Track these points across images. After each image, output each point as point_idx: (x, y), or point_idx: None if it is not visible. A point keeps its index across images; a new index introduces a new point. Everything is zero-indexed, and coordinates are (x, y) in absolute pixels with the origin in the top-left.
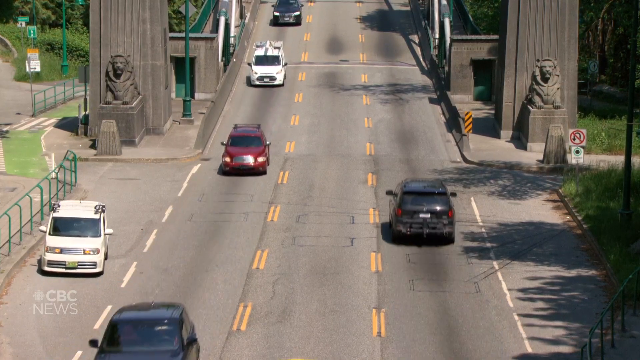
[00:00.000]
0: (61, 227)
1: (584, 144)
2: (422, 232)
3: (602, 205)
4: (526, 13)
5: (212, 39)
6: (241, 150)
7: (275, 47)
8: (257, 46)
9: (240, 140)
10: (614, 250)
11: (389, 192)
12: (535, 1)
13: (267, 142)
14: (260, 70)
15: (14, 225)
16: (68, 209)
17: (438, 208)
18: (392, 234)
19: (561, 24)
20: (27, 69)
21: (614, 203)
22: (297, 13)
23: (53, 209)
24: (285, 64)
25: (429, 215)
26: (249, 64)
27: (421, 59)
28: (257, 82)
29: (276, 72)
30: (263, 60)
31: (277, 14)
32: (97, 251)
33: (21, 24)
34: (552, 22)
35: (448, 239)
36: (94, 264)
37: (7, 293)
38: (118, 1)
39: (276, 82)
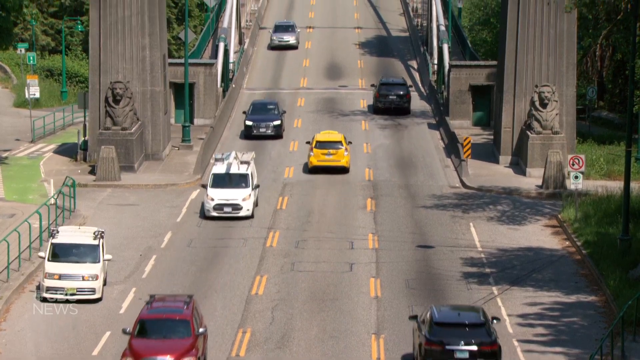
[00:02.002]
0: (60, 253)
1: (582, 169)
2: None
3: (602, 231)
4: (524, 39)
5: (211, 64)
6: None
7: (243, 162)
8: (217, 160)
9: (154, 327)
10: (613, 276)
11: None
12: (533, 27)
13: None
14: (217, 196)
15: (13, 251)
16: (67, 235)
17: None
18: None
19: (559, 50)
20: (27, 95)
21: (613, 229)
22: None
23: (52, 235)
24: (257, 186)
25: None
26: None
27: (420, 85)
28: (214, 213)
29: (242, 197)
30: (223, 180)
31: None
32: (96, 277)
33: (21, 50)
34: (550, 48)
35: None
36: (93, 290)
37: (5, 320)
38: (117, 28)
39: (241, 214)
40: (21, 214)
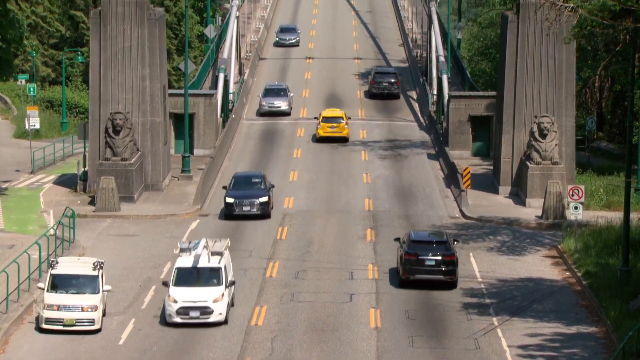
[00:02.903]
0: (59, 284)
1: (582, 200)
2: None
3: (602, 262)
4: (523, 70)
5: (211, 95)
6: None
7: (215, 253)
8: (182, 250)
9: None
10: (613, 307)
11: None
12: (532, 58)
13: None
14: (182, 296)
15: (12, 282)
16: (66, 265)
17: None
18: None
19: (558, 81)
20: (27, 126)
21: (613, 259)
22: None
23: (51, 265)
24: (233, 283)
25: None
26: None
27: (419, 115)
28: (177, 319)
29: (213, 298)
30: (189, 277)
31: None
32: (95, 308)
33: (21, 81)
34: (549, 79)
35: None
36: (92, 321)
37: (4, 351)
38: (118, 59)
39: (212, 319)
40: (21, 245)
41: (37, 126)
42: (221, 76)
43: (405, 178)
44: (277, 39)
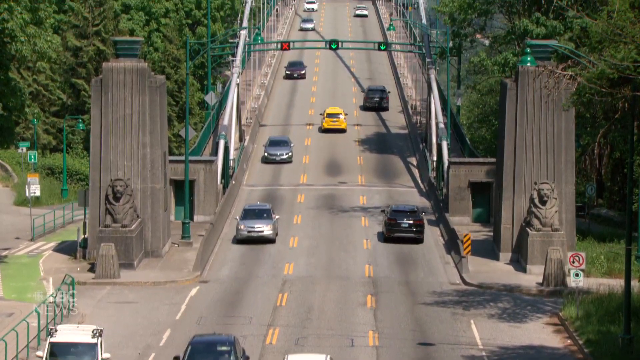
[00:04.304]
0: (58, 352)
1: (583, 267)
2: None
3: (603, 330)
4: (523, 137)
5: (211, 161)
6: None
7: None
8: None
9: None
10: None
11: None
12: (531, 125)
13: None
14: None
15: (11, 351)
16: (65, 333)
17: None
18: None
19: (558, 148)
20: (27, 194)
21: (615, 327)
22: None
23: (50, 333)
24: None
25: None
26: None
27: (419, 181)
28: None
29: None
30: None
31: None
32: None
33: (22, 149)
34: (549, 146)
35: None
36: None
37: None
38: (119, 126)
39: None
40: (20, 313)
41: (38, 193)
42: (221, 142)
43: (406, 244)
44: (266, 154)
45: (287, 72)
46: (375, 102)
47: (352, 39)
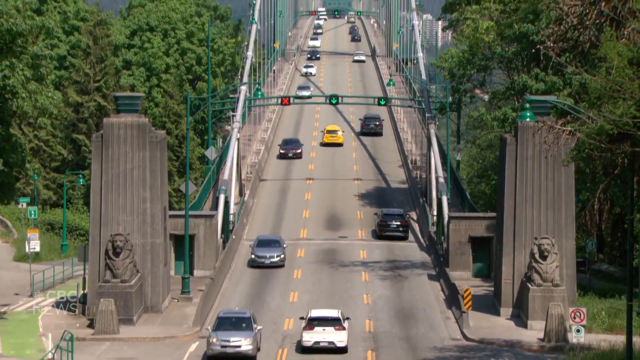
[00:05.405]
0: None
1: (584, 322)
2: None
3: None
4: (523, 192)
5: (211, 216)
6: None
7: None
8: None
9: None
10: None
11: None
12: (531, 180)
13: None
14: None
15: None
16: None
17: None
18: None
19: (558, 203)
20: (27, 249)
21: None
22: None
23: None
24: None
25: None
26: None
27: (419, 236)
28: None
29: None
30: None
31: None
32: None
33: (22, 205)
34: (549, 201)
35: None
36: None
37: None
38: (119, 181)
39: None
40: None
41: (37, 249)
42: (222, 197)
43: (406, 299)
44: (253, 256)
45: (282, 151)
46: (371, 128)
47: (351, 94)
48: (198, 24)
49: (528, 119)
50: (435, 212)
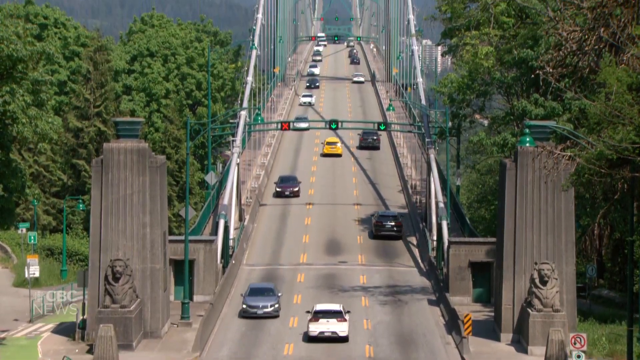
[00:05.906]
0: None
1: (584, 348)
2: None
3: None
4: (523, 217)
5: (211, 241)
6: None
7: None
8: None
9: None
10: None
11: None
12: (531, 205)
13: None
14: None
15: None
16: None
17: None
18: None
19: (558, 229)
20: (26, 275)
21: None
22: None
23: None
24: None
25: None
26: None
27: (419, 261)
28: None
29: None
30: None
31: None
32: None
33: (22, 230)
34: (549, 226)
35: None
36: None
37: None
38: (119, 206)
39: None
40: None
41: (37, 274)
42: (221, 222)
43: (406, 324)
44: (244, 305)
45: (278, 190)
46: (369, 142)
47: (351, 119)
48: (198, 49)
49: (528, 144)
50: (435, 237)
